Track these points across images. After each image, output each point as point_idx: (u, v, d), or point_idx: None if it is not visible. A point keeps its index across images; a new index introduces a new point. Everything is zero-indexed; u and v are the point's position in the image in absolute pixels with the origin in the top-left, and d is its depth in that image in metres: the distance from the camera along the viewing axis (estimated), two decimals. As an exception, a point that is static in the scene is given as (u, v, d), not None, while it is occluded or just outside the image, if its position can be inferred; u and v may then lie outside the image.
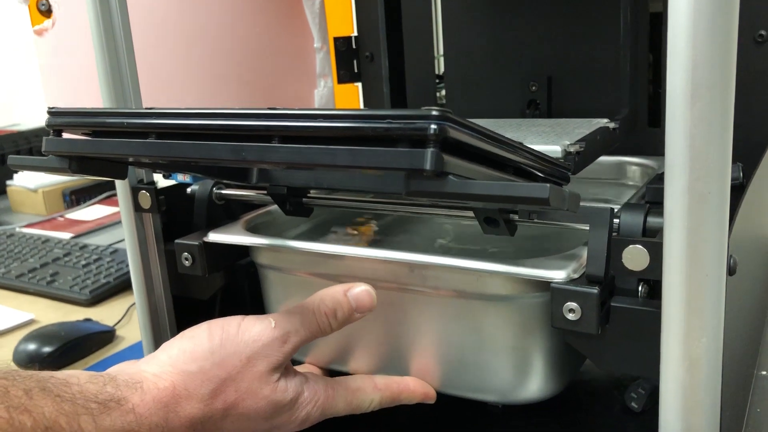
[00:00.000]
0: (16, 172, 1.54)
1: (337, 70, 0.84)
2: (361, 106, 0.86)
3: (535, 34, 0.73)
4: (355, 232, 0.63)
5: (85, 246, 1.13)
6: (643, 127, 0.69)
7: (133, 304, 0.95)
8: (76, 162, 0.44)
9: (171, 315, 0.58)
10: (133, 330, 0.88)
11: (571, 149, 0.47)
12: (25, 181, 1.47)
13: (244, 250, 0.54)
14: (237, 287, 0.57)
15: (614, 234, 0.39)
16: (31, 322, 0.91)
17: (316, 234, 0.61)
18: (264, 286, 0.55)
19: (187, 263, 0.53)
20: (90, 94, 0.82)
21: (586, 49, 0.70)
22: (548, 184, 0.28)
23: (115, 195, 1.50)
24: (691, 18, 0.31)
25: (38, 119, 1.87)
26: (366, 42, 0.83)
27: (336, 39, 0.83)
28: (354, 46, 0.84)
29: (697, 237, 0.33)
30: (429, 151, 0.28)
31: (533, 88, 0.73)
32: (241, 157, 0.33)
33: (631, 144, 0.65)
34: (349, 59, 0.84)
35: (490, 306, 0.44)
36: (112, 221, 1.36)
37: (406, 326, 0.48)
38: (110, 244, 1.15)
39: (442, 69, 0.80)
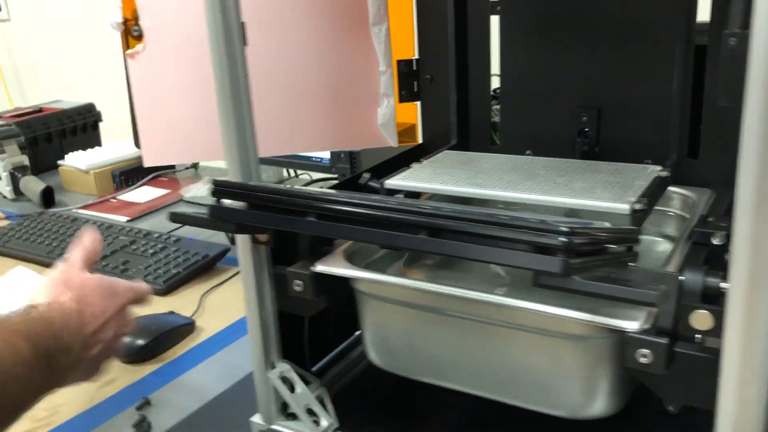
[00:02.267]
0: (66, 152, 1.62)
1: (399, 91, 0.91)
2: (419, 122, 0.94)
3: (588, 65, 0.80)
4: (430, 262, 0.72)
5: (148, 233, 1.21)
6: (682, 159, 0.77)
7: (205, 293, 1.05)
8: (236, 226, 0.52)
9: (276, 327, 0.68)
10: (207, 320, 0.98)
11: (637, 207, 0.56)
12: (77, 161, 1.55)
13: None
14: (335, 304, 0.67)
15: (679, 290, 0.48)
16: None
17: (397, 259, 0.70)
18: (361, 308, 0.64)
19: (298, 289, 0.62)
20: (179, 112, 0.89)
21: (637, 84, 0.77)
22: (656, 292, 0.37)
23: (160, 176, 1.58)
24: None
25: (79, 96, 1.93)
26: (426, 64, 0.91)
27: (399, 62, 0.90)
28: (415, 68, 0.91)
29: (756, 310, 0.42)
30: (559, 259, 0.37)
31: (584, 118, 0.81)
32: (394, 244, 0.42)
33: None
34: (410, 80, 0.91)
35: (569, 342, 0.53)
36: (163, 204, 1.45)
37: (492, 352, 0.57)
38: (170, 232, 1.23)
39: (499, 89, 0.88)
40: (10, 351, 0.58)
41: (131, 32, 0.85)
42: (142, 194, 1.51)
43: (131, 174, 1.57)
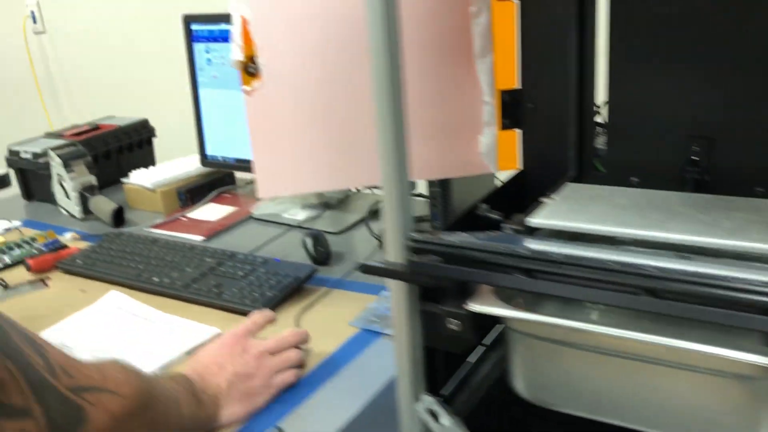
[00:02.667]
0: (129, 170, 1.64)
1: (502, 119, 0.94)
2: (519, 150, 0.97)
3: (703, 91, 0.81)
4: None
5: (233, 255, 1.24)
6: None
7: (299, 314, 1.07)
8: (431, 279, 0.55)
9: (423, 362, 0.70)
10: (311, 342, 1.00)
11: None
12: (142, 180, 1.58)
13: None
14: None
15: None
16: (219, 336, 1.03)
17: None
18: (513, 344, 0.67)
19: (454, 328, 0.65)
20: (294, 144, 0.92)
21: (757, 110, 0.79)
22: None
23: (225, 192, 1.61)
24: None
25: (132, 112, 1.95)
26: (528, 93, 0.93)
27: (503, 92, 0.93)
28: (517, 97, 0.94)
29: None
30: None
31: (695, 147, 0.83)
32: (613, 303, 0.45)
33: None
34: (512, 109, 0.94)
35: (739, 382, 0.56)
36: (234, 221, 1.47)
37: (655, 389, 0.60)
38: (252, 253, 1.26)
39: (601, 117, 0.91)
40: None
41: (248, 69, 0.88)
42: (210, 212, 1.53)
43: (196, 191, 1.59)
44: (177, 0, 2.33)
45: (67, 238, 1.43)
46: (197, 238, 1.40)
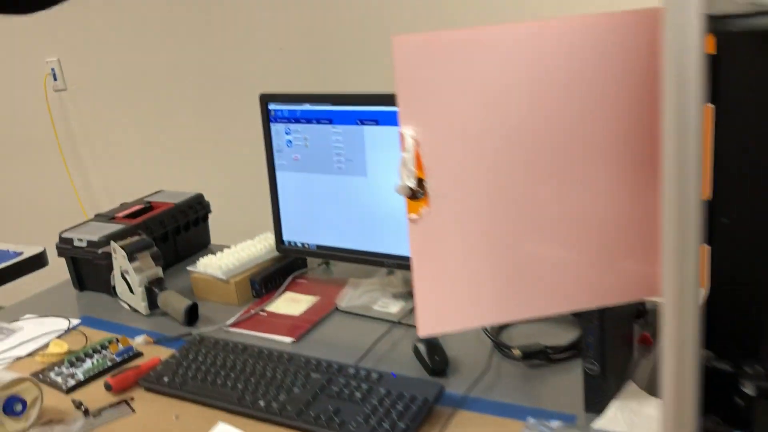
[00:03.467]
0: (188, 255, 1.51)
1: (692, 235, 0.83)
2: (707, 268, 0.85)
3: None
4: None
5: (341, 368, 1.11)
6: None
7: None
8: None
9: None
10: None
11: None
12: (212, 268, 1.44)
13: None
14: None
15: None
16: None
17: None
18: None
19: None
20: (461, 274, 0.80)
21: None
22: None
23: (299, 277, 1.48)
24: None
25: (180, 185, 1.82)
26: (721, 206, 0.82)
27: (692, 204, 0.82)
28: (709, 211, 0.83)
29: None
30: None
31: None
32: None
33: None
34: (707, 226, 0.83)
35: None
36: (320, 316, 1.34)
37: None
38: (360, 364, 1.14)
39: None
40: None
41: (416, 195, 0.76)
42: (290, 304, 1.40)
43: (269, 279, 1.46)
44: (205, 54, 2.24)
45: (139, 342, 1.30)
46: (286, 340, 1.27)
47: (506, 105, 0.75)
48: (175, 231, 1.63)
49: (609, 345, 0.97)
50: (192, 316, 1.36)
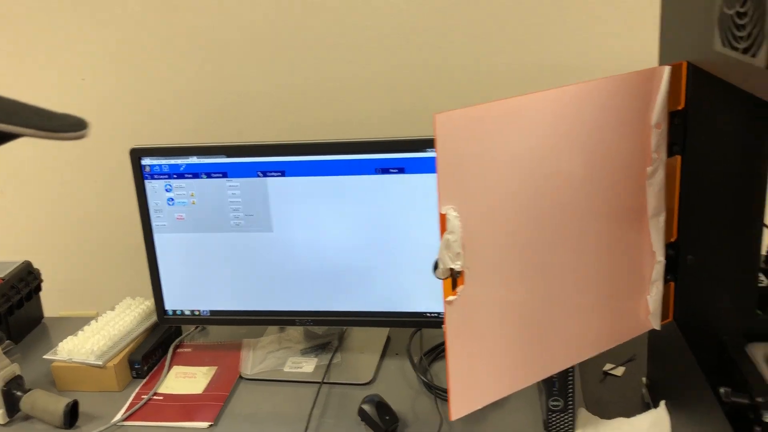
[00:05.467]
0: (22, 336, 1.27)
1: (665, 275, 0.89)
2: (672, 303, 0.92)
3: None
4: None
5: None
6: None
7: None
8: None
9: None
10: None
11: None
12: (79, 354, 1.23)
13: None
14: None
15: None
16: None
17: None
18: None
19: None
20: (491, 354, 0.76)
21: None
22: None
23: (181, 346, 1.33)
24: None
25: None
26: (687, 246, 0.89)
27: (666, 245, 0.88)
28: (676, 251, 0.89)
29: None
30: None
31: None
32: None
33: None
34: (673, 262, 0.89)
35: None
36: (227, 391, 1.21)
37: None
38: (309, 439, 1.05)
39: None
40: None
41: (454, 276, 0.71)
42: (183, 380, 1.25)
43: (149, 355, 1.28)
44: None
45: (15, 463, 1.06)
46: (202, 425, 1.12)
47: (532, 173, 0.73)
48: (8, 312, 1.36)
49: (572, 379, 1.01)
50: (73, 417, 1.14)
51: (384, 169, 1.11)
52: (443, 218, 0.68)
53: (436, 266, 0.71)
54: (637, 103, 0.78)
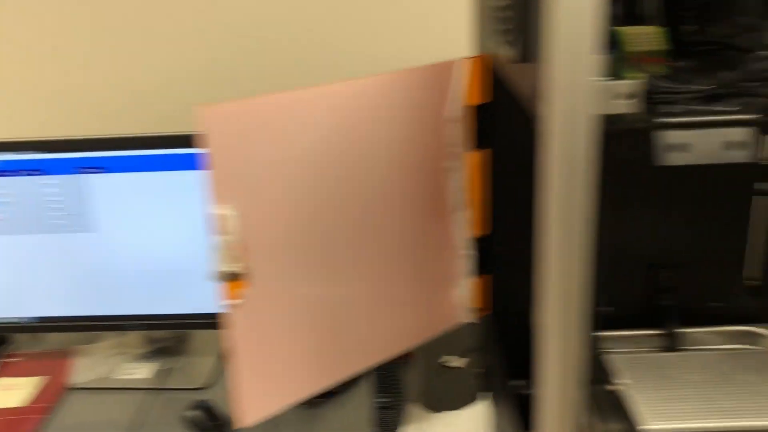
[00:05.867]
0: None
1: (481, 268, 0.89)
2: (489, 295, 0.92)
3: (659, 228, 0.87)
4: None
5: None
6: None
7: None
8: None
9: None
10: None
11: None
12: None
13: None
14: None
15: None
16: None
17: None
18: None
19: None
20: (282, 358, 0.73)
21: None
22: None
23: (10, 356, 1.25)
24: None
25: None
26: (498, 239, 0.89)
27: (476, 239, 0.88)
28: (488, 245, 0.89)
29: None
30: None
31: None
32: None
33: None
34: (484, 256, 0.89)
35: None
36: (54, 401, 1.14)
37: None
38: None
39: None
40: None
41: (236, 278, 0.68)
42: (8, 392, 1.16)
43: (-30, 366, 1.20)
44: None
45: None
46: (21, 441, 1.05)
47: (315, 169, 0.71)
48: None
49: (396, 374, 1.00)
50: None
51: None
52: (220, 219, 0.65)
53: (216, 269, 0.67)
54: (433, 96, 0.77)
